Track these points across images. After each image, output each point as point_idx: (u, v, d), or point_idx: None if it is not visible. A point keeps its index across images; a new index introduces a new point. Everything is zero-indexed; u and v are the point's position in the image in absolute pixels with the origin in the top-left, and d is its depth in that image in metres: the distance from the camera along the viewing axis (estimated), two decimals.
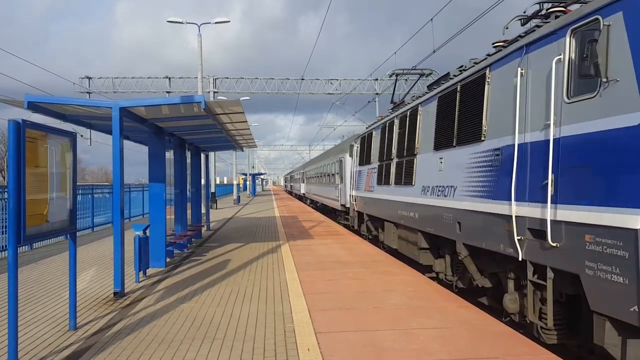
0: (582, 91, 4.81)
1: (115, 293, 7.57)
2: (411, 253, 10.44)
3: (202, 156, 18.64)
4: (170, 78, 37.28)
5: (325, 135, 70.51)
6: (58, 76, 43.32)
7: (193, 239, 14.45)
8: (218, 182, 51.46)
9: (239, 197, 42.94)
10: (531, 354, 4.78)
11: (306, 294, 7.49)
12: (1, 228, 11.99)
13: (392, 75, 14.19)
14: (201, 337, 5.53)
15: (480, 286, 7.52)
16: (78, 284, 6.91)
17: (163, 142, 10.40)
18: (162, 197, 10.08)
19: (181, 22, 25.88)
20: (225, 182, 77.91)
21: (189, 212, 14.57)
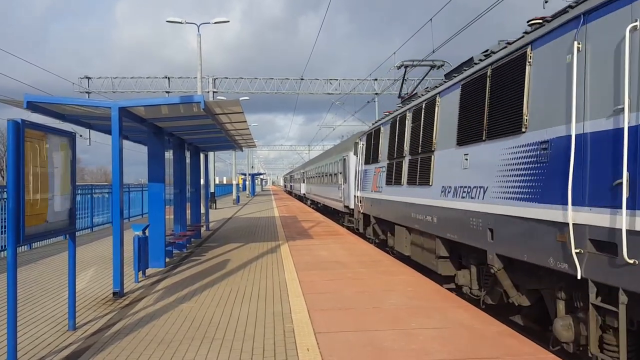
0: None
1: (114, 293, 7.57)
2: (427, 261, 9.42)
3: (202, 156, 18.66)
4: (169, 78, 37.34)
5: (324, 135, 70.71)
6: (57, 76, 43.23)
7: (192, 239, 14.44)
8: (217, 182, 51.43)
9: (239, 197, 42.95)
10: (531, 354, 4.78)
11: (305, 294, 7.49)
12: (0, 228, 11.98)
13: (401, 66, 13.12)
14: (200, 337, 5.53)
15: (517, 305, 6.47)
16: (77, 284, 6.90)
17: (162, 142, 10.39)
18: (162, 197, 10.07)
19: (180, 22, 25.90)
20: (224, 182, 77.91)
21: (188, 212, 14.59)
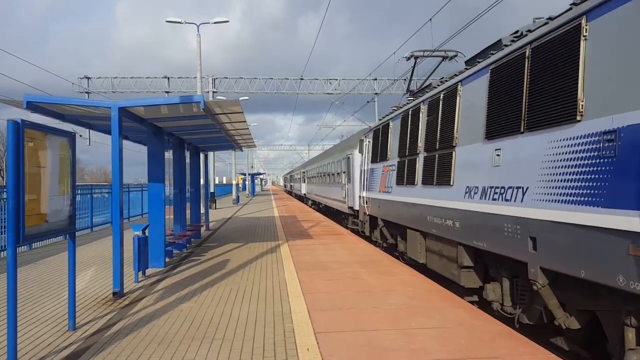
0: None
1: (114, 293, 7.57)
2: (447, 271, 8.39)
3: (201, 156, 18.67)
4: (169, 78, 37.35)
5: (324, 135, 70.75)
6: (57, 76, 43.29)
7: (192, 239, 14.44)
8: (217, 182, 51.43)
9: (238, 197, 42.96)
10: (531, 354, 4.77)
11: (305, 294, 7.49)
12: (0, 228, 11.99)
13: (411, 57, 12.12)
14: (200, 337, 5.53)
15: (564, 327, 5.52)
16: (77, 284, 6.89)
17: (162, 142, 10.40)
18: (161, 197, 10.08)
19: (180, 22, 25.89)
20: (224, 182, 77.91)
21: (188, 212, 14.60)
